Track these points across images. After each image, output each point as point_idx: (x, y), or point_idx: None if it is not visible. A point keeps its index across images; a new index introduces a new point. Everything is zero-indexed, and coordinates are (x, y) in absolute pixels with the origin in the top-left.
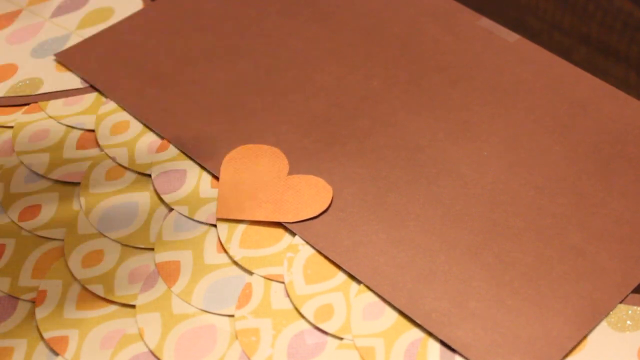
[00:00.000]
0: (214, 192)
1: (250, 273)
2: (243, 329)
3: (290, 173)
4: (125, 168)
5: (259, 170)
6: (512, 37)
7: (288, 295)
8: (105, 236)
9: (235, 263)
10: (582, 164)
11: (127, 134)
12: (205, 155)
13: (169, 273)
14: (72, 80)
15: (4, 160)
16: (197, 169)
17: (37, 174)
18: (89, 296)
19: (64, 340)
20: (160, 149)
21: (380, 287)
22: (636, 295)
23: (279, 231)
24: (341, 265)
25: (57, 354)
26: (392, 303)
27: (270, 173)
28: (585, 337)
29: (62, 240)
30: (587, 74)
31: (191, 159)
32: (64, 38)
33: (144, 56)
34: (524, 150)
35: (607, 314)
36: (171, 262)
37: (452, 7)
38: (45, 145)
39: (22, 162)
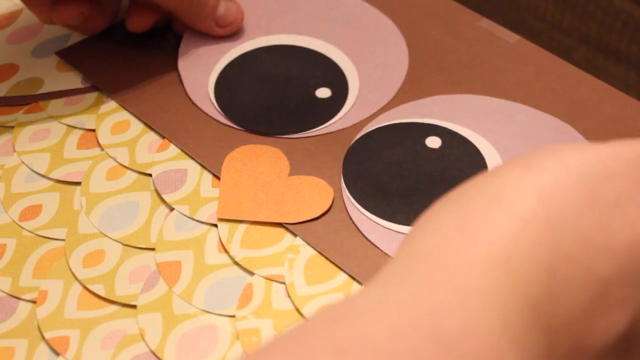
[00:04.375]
0: (214, 192)
1: (251, 273)
2: (244, 330)
3: (291, 174)
4: (126, 167)
5: (260, 171)
6: (513, 37)
7: (289, 296)
8: (106, 236)
9: (236, 263)
10: None
11: (128, 134)
12: (206, 155)
13: (170, 273)
14: (73, 80)
15: (5, 160)
16: (198, 168)
17: (38, 174)
18: (90, 296)
19: (64, 340)
20: (160, 149)
21: None
22: None
23: (280, 232)
24: (342, 267)
25: (58, 354)
26: None
27: (271, 173)
28: None
29: (63, 240)
30: (587, 74)
31: (192, 158)
32: (64, 38)
33: (145, 56)
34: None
35: None
36: (172, 262)
37: (452, 8)
38: (46, 144)
39: (22, 162)
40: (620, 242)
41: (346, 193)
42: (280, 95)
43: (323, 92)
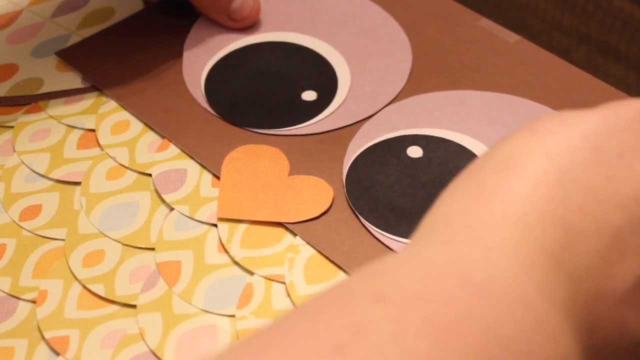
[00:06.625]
0: (214, 192)
1: (251, 273)
2: (244, 329)
3: (291, 173)
4: (126, 167)
5: (260, 171)
6: (513, 37)
7: (289, 296)
8: (106, 236)
9: (236, 263)
10: None
11: (128, 134)
12: (206, 155)
13: (169, 273)
14: (73, 80)
15: (5, 159)
16: (197, 168)
17: (38, 174)
18: (90, 296)
19: (64, 340)
20: (160, 149)
21: None
22: None
23: (280, 231)
24: (342, 266)
25: (57, 354)
26: None
27: (271, 173)
28: None
29: (63, 240)
30: (587, 74)
31: (192, 158)
32: (64, 38)
33: (144, 56)
34: None
35: None
36: (172, 262)
37: (452, 8)
38: (46, 144)
39: (22, 162)
40: (628, 192)
41: (375, 230)
42: (266, 91)
43: (309, 95)
